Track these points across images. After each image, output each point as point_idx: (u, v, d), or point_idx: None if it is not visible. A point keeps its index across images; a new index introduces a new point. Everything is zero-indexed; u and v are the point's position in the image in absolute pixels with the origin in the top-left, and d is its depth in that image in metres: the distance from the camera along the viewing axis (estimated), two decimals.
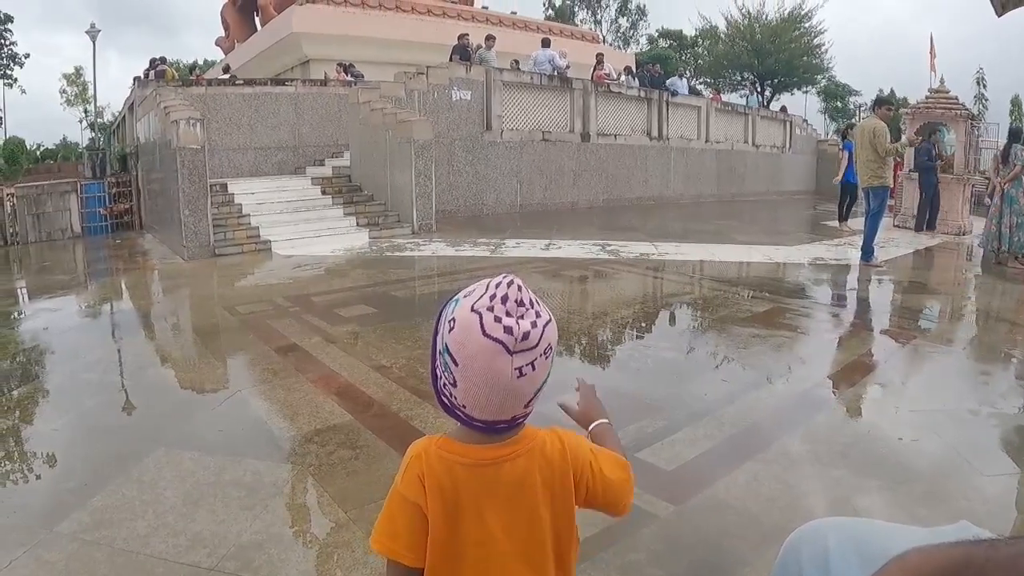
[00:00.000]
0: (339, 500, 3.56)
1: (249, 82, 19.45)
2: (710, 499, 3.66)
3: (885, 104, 12.41)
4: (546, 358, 1.35)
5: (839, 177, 17.32)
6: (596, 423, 1.78)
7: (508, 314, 1.31)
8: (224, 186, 14.37)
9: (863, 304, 9.38)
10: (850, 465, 4.04)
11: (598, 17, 66.26)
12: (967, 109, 17.72)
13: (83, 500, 3.57)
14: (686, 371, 6.00)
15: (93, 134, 41.22)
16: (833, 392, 5.49)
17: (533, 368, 1.33)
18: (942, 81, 18.11)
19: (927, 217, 15.85)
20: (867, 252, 11.22)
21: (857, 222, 14.59)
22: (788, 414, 4.95)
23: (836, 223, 17.39)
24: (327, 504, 3.53)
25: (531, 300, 1.34)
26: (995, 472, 4.05)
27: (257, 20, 35.46)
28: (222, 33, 41.41)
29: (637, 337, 7.33)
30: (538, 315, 1.33)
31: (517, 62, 21.32)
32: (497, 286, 1.33)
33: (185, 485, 3.71)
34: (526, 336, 1.30)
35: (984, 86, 58.13)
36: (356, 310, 7.94)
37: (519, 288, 1.34)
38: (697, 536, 3.36)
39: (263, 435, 4.43)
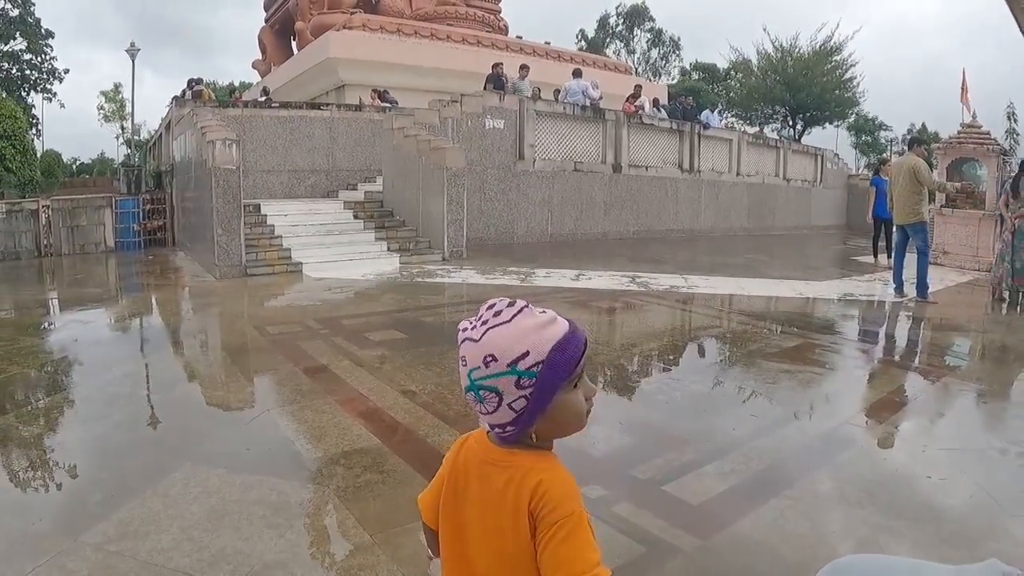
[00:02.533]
0: (364, 523, 3.55)
1: (285, 105, 19.70)
2: (736, 535, 3.63)
3: (921, 143, 12.39)
4: (487, 363, 1.37)
5: (870, 215, 17.37)
6: None
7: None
8: (257, 207, 14.50)
9: (892, 341, 9.33)
10: (877, 504, 3.99)
11: (631, 47, 66.58)
12: (999, 144, 17.61)
13: (108, 511, 3.59)
14: (714, 405, 5.96)
15: (129, 150, 41.72)
16: (861, 430, 5.42)
17: (465, 362, 1.41)
18: (974, 116, 18.01)
19: None
20: (923, 288, 11.16)
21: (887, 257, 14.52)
22: (815, 451, 4.90)
23: (867, 259, 17.39)
24: (352, 526, 3.53)
25: (497, 313, 1.42)
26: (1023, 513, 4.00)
27: (294, 44, 35.94)
28: (258, 56, 41.96)
29: (665, 370, 7.31)
30: (493, 326, 1.40)
31: (558, 91, 21.40)
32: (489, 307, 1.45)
33: (211, 501, 3.72)
34: (464, 329, 1.43)
35: (1015, 120, 57.82)
36: (385, 335, 7.96)
37: (491, 307, 1.44)
38: (722, 572, 3.34)
39: (290, 455, 4.44)
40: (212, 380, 6.39)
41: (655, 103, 25.60)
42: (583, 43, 64.70)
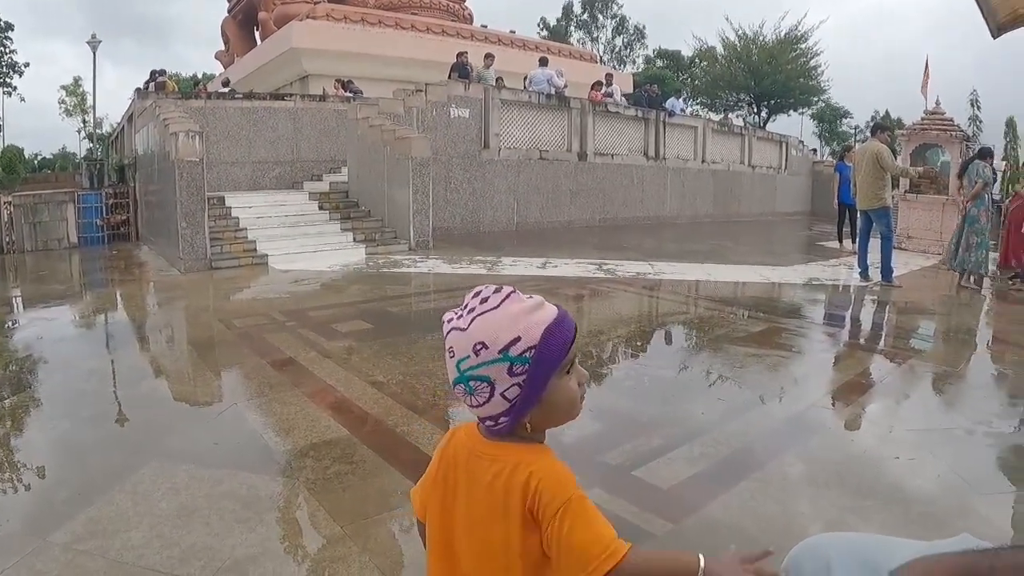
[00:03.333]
0: (334, 514, 3.54)
1: (248, 96, 19.54)
2: (706, 518, 3.66)
3: (884, 129, 12.53)
4: (477, 352, 1.36)
5: (835, 201, 17.65)
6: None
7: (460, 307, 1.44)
8: (222, 199, 14.40)
9: (858, 324, 9.46)
10: (846, 485, 4.04)
11: (595, 36, 66.58)
12: (962, 131, 17.86)
13: (77, 510, 3.56)
14: (682, 390, 6.02)
15: (91, 144, 41.26)
16: (829, 412, 5.49)
17: (453, 353, 1.39)
18: (937, 103, 18.25)
19: None
20: (887, 272, 11.41)
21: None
22: (784, 434, 4.96)
23: (832, 244, 17.63)
24: (322, 518, 3.52)
25: (483, 300, 1.40)
26: (991, 491, 4.06)
27: (257, 35, 35.63)
28: (221, 47, 41.58)
29: (633, 356, 7.38)
30: (481, 313, 1.39)
31: (526, 78, 21.40)
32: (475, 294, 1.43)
33: (180, 497, 3.69)
34: (450, 320, 1.42)
35: (978, 108, 58.38)
36: (352, 325, 7.94)
37: (477, 295, 1.42)
38: None
39: (259, 448, 4.42)
40: (179, 375, 6.33)
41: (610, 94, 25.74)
42: (545, 32, 64.58)
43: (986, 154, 12.78)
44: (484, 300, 1.40)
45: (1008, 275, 12.62)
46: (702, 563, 1.40)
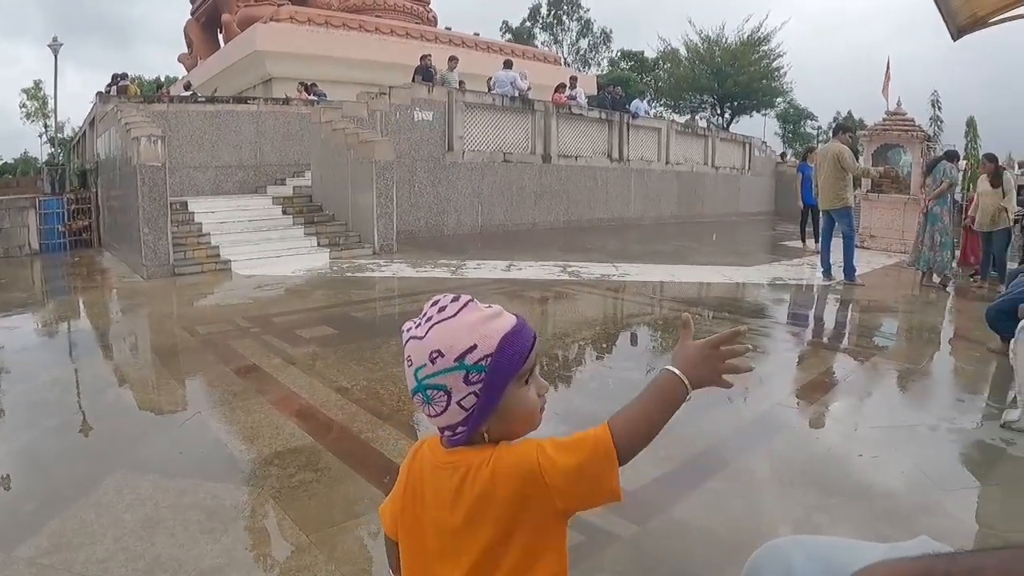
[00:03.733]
0: (300, 523, 3.54)
1: (211, 100, 19.42)
2: (672, 519, 3.70)
3: (846, 130, 12.72)
4: (434, 360, 1.36)
5: (799, 201, 17.92)
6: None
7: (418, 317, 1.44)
8: (184, 204, 14.30)
9: (821, 323, 9.60)
10: (811, 483, 4.11)
11: (559, 38, 66.71)
12: (923, 131, 18.16)
13: (41, 524, 3.53)
14: None
15: (53, 149, 40.83)
16: (793, 411, 5.57)
17: (411, 362, 1.40)
18: (899, 104, 18.53)
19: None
20: (850, 271, 11.66)
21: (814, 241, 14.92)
22: (749, 433, 5.03)
23: (795, 243, 17.89)
24: (288, 527, 3.52)
25: (441, 309, 1.41)
26: (955, 487, 4.15)
27: (220, 37, 35.43)
28: (185, 49, 41.30)
29: (598, 358, 7.43)
30: (438, 321, 1.39)
31: (490, 80, 21.44)
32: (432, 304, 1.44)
33: (144, 508, 3.68)
34: (408, 329, 1.43)
35: (939, 108, 59.14)
36: (317, 331, 7.92)
37: (435, 303, 1.43)
38: (660, 556, 3.40)
39: (223, 457, 4.41)
40: (142, 383, 6.29)
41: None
42: (508, 35, 64.62)
43: (953, 156, 13.04)
44: (441, 309, 1.41)
45: (968, 272, 12.88)
46: (677, 372, 1.53)
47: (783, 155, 37.82)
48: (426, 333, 1.39)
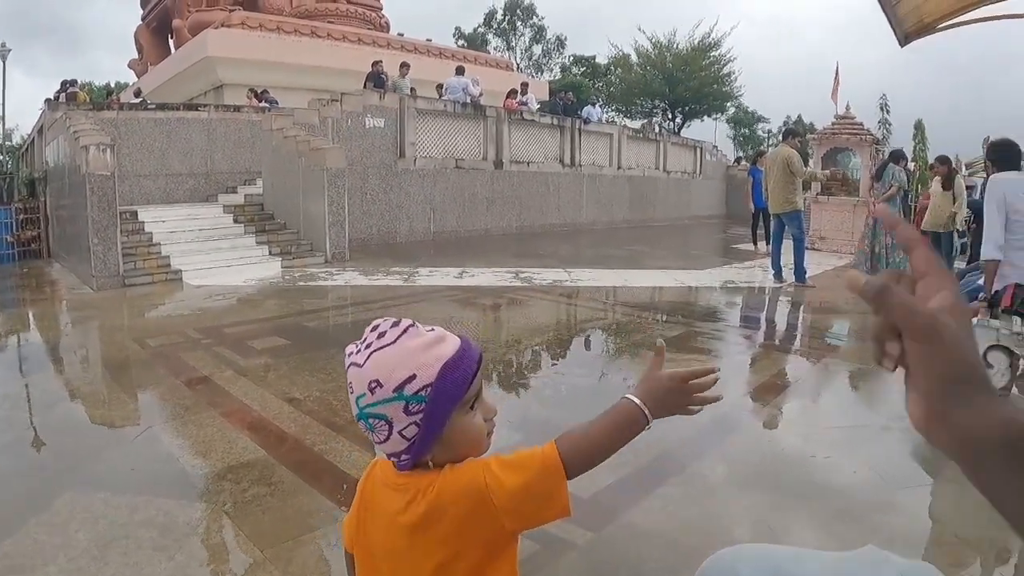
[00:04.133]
0: (255, 538, 3.55)
1: (161, 107, 19.17)
2: (628, 525, 3.74)
3: (795, 135, 12.95)
4: (373, 390, 1.33)
5: (751, 204, 18.20)
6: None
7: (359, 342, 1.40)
8: (134, 214, 14.15)
9: (773, 325, 9.76)
10: (766, 485, 4.20)
11: (511, 44, 66.77)
12: (872, 134, 18.53)
13: None
14: (600, 397, 6.09)
15: (1, 157, 40.11)
16: (747, 413, 5.69)
17: (352, 389, 1.37)
18: (848, 108, 18.90)
19: None
20: (800, 273, 11.85)
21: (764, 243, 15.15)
22: (703, 437, 5.08)
23: (746, 246, 18.17)
24: (243, 543, 3.52)
25: (380, 335, 1.38)
26: (907, 485, 4.27)
27: (171, 43, 35.10)
28: (135, 55, 40.82)
29: (551, 364, 7.49)
30: (377, 348, 1.36)
31: (442, 86, 21.48)
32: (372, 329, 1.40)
33: (97, 527, 3.66)
34: (350, 353, 1.39)
35: (888, 112, 59.97)
36: (269, 342, 7.91)
37: (374, 329, 1.39)
38: (616, 563, 3.44)
39: (176, 473, 4.39)
40: (93, 398, 6.24)
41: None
42: (461, 40, 64.58)
43: (898, 156, 13.31)
44: (381, 335, 1.37)
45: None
46: (637, 402, 1.50)
47: (738, 159, 38.29)
48: (365, 361, 1.35)
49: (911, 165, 15.86)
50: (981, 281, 6.09)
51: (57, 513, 3.84)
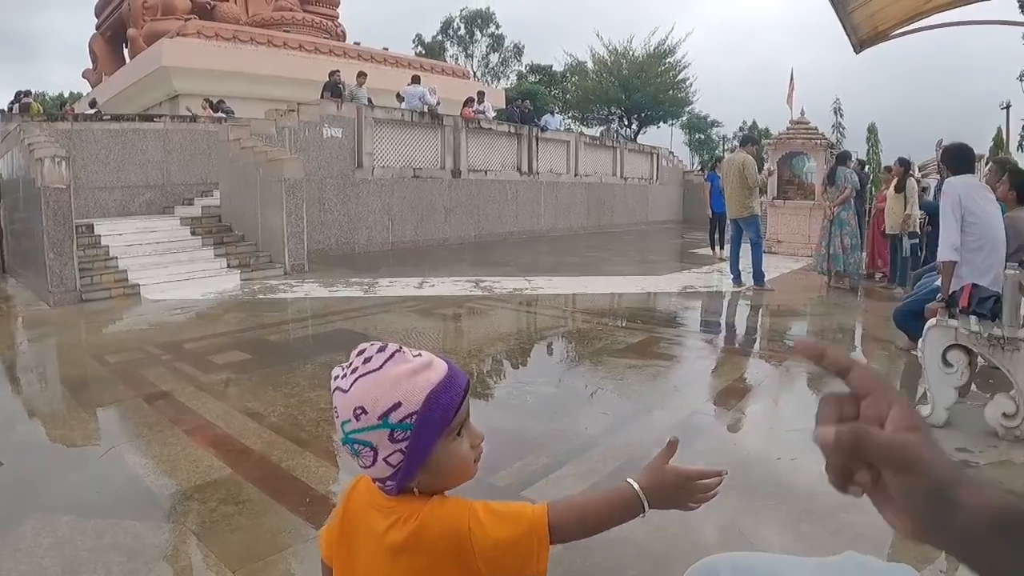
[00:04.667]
0: (225, 559, 3.53)
1: (116, 118, 18.95)
2: (600, 535, 3.73)
3: (752, 142, 13.15)
4: (358, 416, 1.33)
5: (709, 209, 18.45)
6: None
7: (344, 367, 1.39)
8: (90, 227, 13.98)
9: (735, 329, 9.88)
10: (733, 488, 4.23)
11: (469, 52, 66.82)
12: (826, 138, 18.87)
13: None
14: (565, 406, 6.15)
15: None
16: (711, 417, 5.79)
17: (337, 414, 1.36)
18: (802, 113, 19.22)
19: None
20: (759, 277, 12.11)
21: (725, 249, 15.32)
22: None
23: (705, 251, 18.42)
24: (213, 564, 3.50)
25: (366, 360, 1.37)
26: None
27: (126, 52, 34.79)
28: (90, 64, 40.41)
29: (515, 374, 7.52)
30: (363, 374, 1.35)
31: (399, 96, 21.51)
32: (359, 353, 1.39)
33: (64, 552, 3.62)
34: (336, 378, 1.38)
35: (841, 116, 60.80)
36: (230, 356, 7.86)
37: (360, 353, 1.38)
38: (591, 571, 3.46)
39: (142, 494, 4.35)
40: (53, 418, 6.15)
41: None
42: (420, 48, 64.54)
43: (845, 158, 13.53)
44: (367, 360, 1.35)
45: (874, 274, 13.41)
46: (638, 489, 1.54)
47: (703, 167, 38.67)
48: (350, 386, 1.34)
49: (854, 163, 16.16)
50: (938, 282, 6.22)
51: (22, 538, 3.79)
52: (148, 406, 6.10)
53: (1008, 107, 42.64)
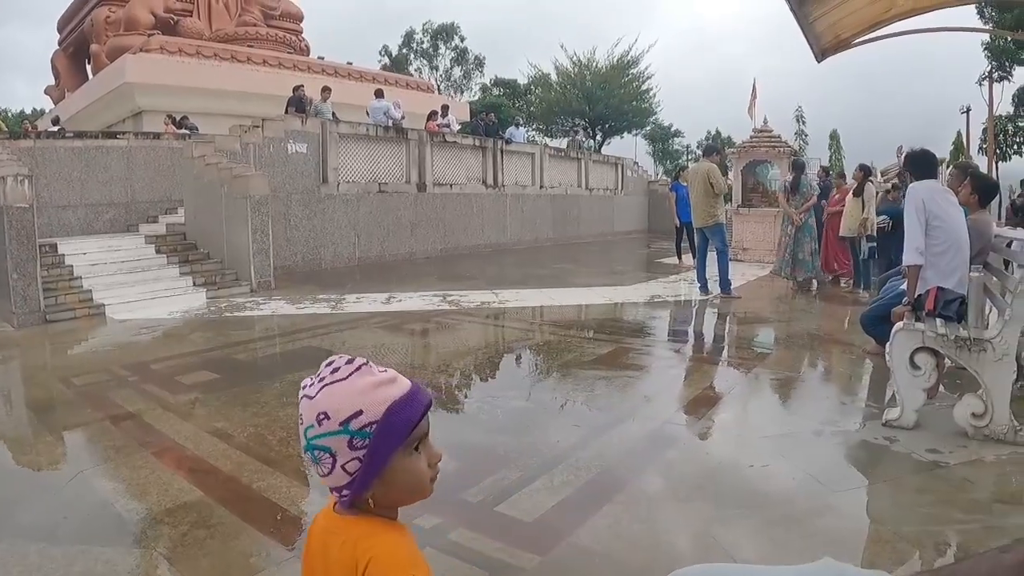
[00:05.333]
0: None
1: (80, 135, 18.78)
2: (574, 547, 3.77)
3: (716, 152, 13.35)
4: (320, 421, 1.37)
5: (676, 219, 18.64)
6: None
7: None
8: (54, 246, 13.81)
9: (702, 337, 9.99)
10: (706, 497, 4.30)
11: (434, 64, 66.84)
12: (789, 146, 19.14)
13: None
14: (536, 419, 6.17)
15: None
16: (682, 427, 5.83)
17: (302, 420, 1.40)
18: (765, 121, 19.48)
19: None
20: (726, 285, 12.32)
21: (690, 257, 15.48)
22: (641, 453, 5.21)
23: (671, 260, 18.58)
24: None
25: (334, 371, 1.41)
26: (844, 487, 4.42)
27: (89, 69, 34.54)
28: (52, 81, 40.08)
29: (484, 388, 7.55)
30: (330, 383, 1.39)
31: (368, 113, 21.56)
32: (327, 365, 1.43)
33: None
34: (304, 387, 1.41)
35: (804, 123, 61.55)
36: (198, 376, 7.80)
37: (329, 364, 1.42)
38: None
39: (111, 519, 4.31)
40: (19, 442, 6.09)
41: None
42: (387, 60, 64.50)
43: (801, 166, 13.82)
44: (335, 370, 1.40)
45: (831, 277, 13.62)
46: None
47: (668, 176, 38.97)
48: (316, 393, 1.39)
49: (831, 175, 16.48)
50: (904, 286, 6.33)
51: None
52: (116, 428, 6.06)
53: (968, 111, 43.38)
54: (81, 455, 5.68)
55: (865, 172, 13.10)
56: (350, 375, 1.39)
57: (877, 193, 13.08)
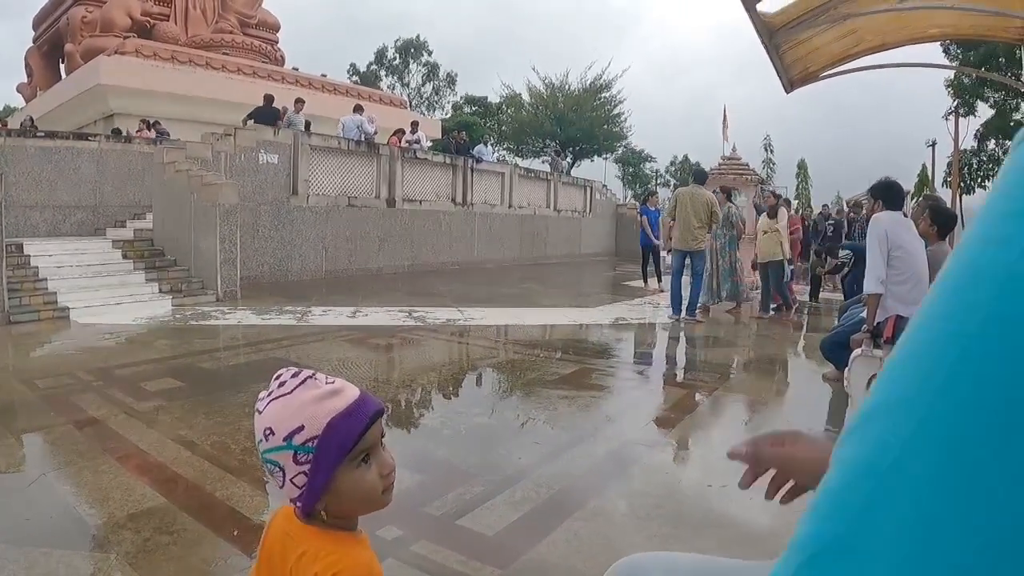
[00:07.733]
0: None
1: (51, 135, 18.73)
2: (535, 560, 3.84)
3: (706, 178, 13.66)
4: (267, 436, 1.40)
5: (662, 243, 18.90)
6: None
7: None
8: (20, 246, 13.77)
9: (664, 360, 10.06)
10: (665, 515, 4.39)
11: (405, 80, 66.93)
12: (756, 174, 19.50)
13: None
14: (499, 436, 6.24)
15: None
16: (643, 447, 5.89)
17: (255, 434, 1.42)
18: (734, 149, 19.83)
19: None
20: (692, 309, 12.54)
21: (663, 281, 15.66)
22: (602, 472, 5.29)
23: (636, 283, 18.77)
24: None
25: (281, 384, 1.43)
26: (804, 507, 4.51)
27: (62, 68, 34.32)
28: (24, 78, 39.77)
29: (448, 404, 7.61)
30: (276, 397, 1.42)
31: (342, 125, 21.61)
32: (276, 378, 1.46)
33: None
34: (259, 400, 1.44)
35: (771, 151, 62.24)
36: (162, 383, 7.81)
37: (277, 378, 1.45)
38: None
39: (74, 523, 4.34)
40: None
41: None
42: (356, 77, 64.52)
43: (729, 193, 14.26)
44: (281, 384, 1.42)
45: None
46: None
47: (637, 199, 39.30)
48: (264, 408, 1.41)
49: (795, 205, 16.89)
50: (864, 314, 6.50)
51: None
52: (79, 433, 6.07)
53: (934, 144, 44.06)
54: (44, 458, 5.68)
55: (777, 198, 13.52)
56: (294, 389, 1.41)
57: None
